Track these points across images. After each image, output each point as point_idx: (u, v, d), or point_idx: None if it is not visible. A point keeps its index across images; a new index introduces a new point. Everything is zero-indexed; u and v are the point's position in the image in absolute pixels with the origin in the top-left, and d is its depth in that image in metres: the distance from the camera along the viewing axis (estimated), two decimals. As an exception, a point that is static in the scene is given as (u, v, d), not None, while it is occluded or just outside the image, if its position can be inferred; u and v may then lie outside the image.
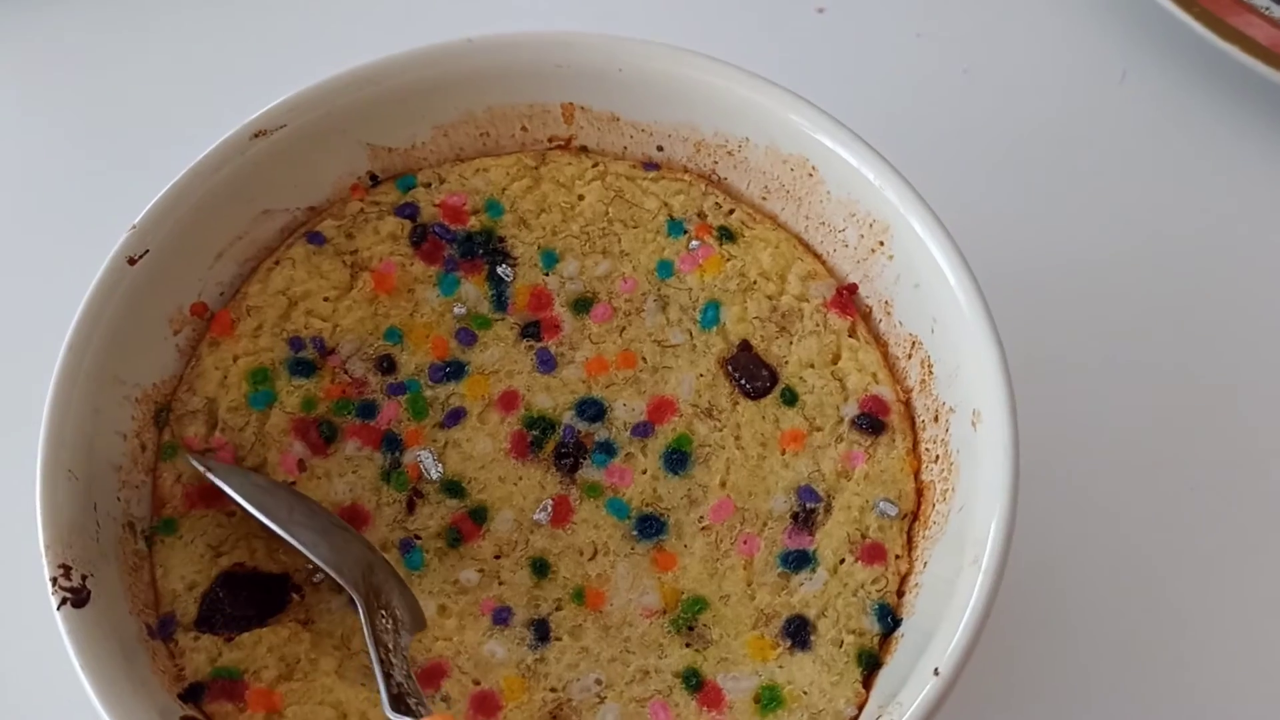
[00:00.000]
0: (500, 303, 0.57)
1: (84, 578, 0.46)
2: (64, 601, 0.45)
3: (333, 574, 0.47)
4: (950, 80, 0.77)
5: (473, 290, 0.57)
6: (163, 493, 0.51)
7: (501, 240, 0.58)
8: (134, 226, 0.52)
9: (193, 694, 0.47)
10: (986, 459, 0.47)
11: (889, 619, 0.49)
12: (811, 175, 0.56)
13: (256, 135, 0.54)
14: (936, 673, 0.43)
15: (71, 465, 0.47)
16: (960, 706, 0.44)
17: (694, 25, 0.78)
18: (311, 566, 0.50)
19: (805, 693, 0.48)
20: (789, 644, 0.49)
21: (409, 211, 0.58)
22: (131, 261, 0.51)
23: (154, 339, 0.53)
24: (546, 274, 0.57)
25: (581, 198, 0.59)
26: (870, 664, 0.48)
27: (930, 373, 0.52)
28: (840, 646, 0.49)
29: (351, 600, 0.50)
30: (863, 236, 0.55)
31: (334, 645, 0.48)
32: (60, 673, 0.44)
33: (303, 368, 0.54)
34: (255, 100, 0.55)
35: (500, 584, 0.51)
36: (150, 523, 0.51)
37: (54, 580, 0.45)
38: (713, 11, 0.80)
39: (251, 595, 0.49)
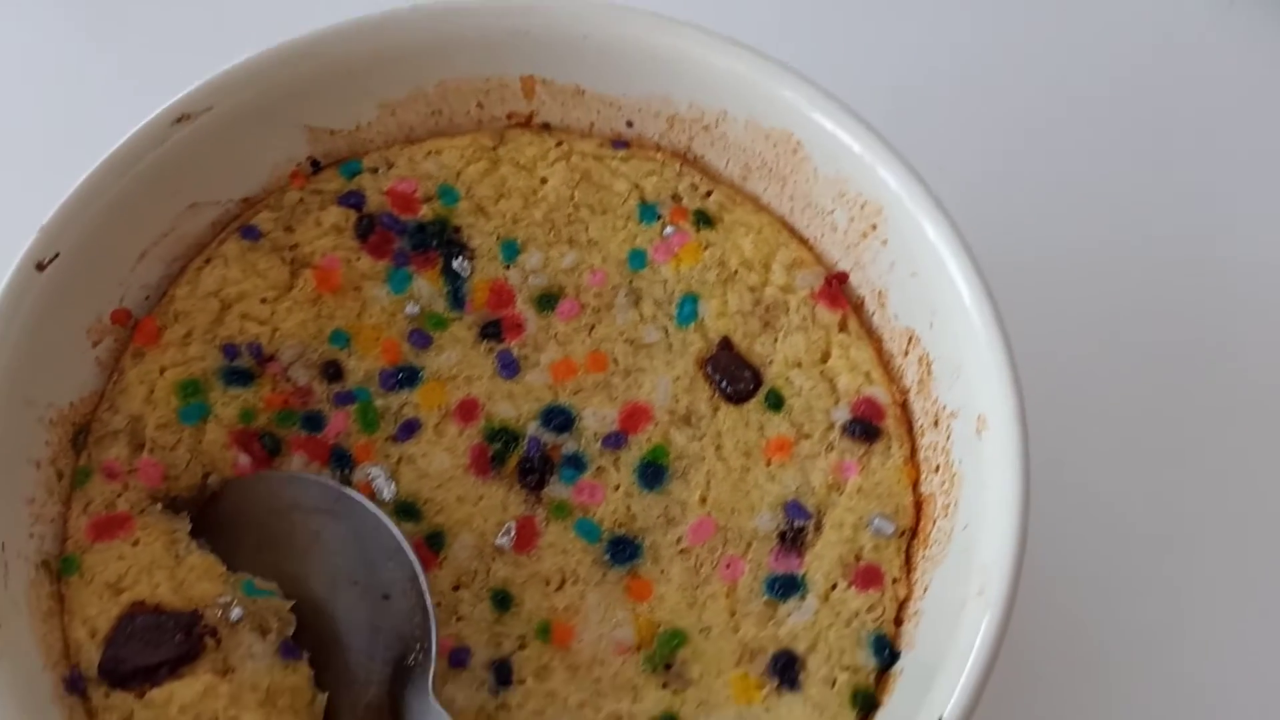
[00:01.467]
0: (457, 300, 0.52)
1: (-13, 631, 0.41)
2: (-38, 663, 0.40)
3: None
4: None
5: (426, 287, 0.52)
6: (69, 525, 0.46)
7: (457, 230, 0.53)
8: (41, 228, 0.46)
9: None
10: (993, 473, 0.42)
11: (886, 652, 0.44)
12: (796, 151, 0.50)
13: (179, 120, 0.49)
14: (941, 723, 0.38)
15: (-28, 503, 0.43)
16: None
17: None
18: (228, 601, 0.44)
19: (795, 740, 0.43)
20: (776, 683, 0.44)
21: (354, 200, 0.53)
22: (40, 267, 0.46)
23: (70, 353, 0.48)
24: (507, 267, 0.52)
25: (544, 181, 0.53)
26: (866, 705, 0.44)
27: (929, 372, 0.47)
28: (833, 686, 0.44)
29: (286, 646, 0.44)
30: (853, 219, 0.49)
31: (258, 701, 0.42)
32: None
33: (238, 377, 0.49)
34: (179, 79, 0.49)
35: (458, 620, 0.46)
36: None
37: None
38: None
39: (156, 639, 0.43)
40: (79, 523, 0.46)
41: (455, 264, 0.52)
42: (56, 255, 0.46)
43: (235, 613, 0.43)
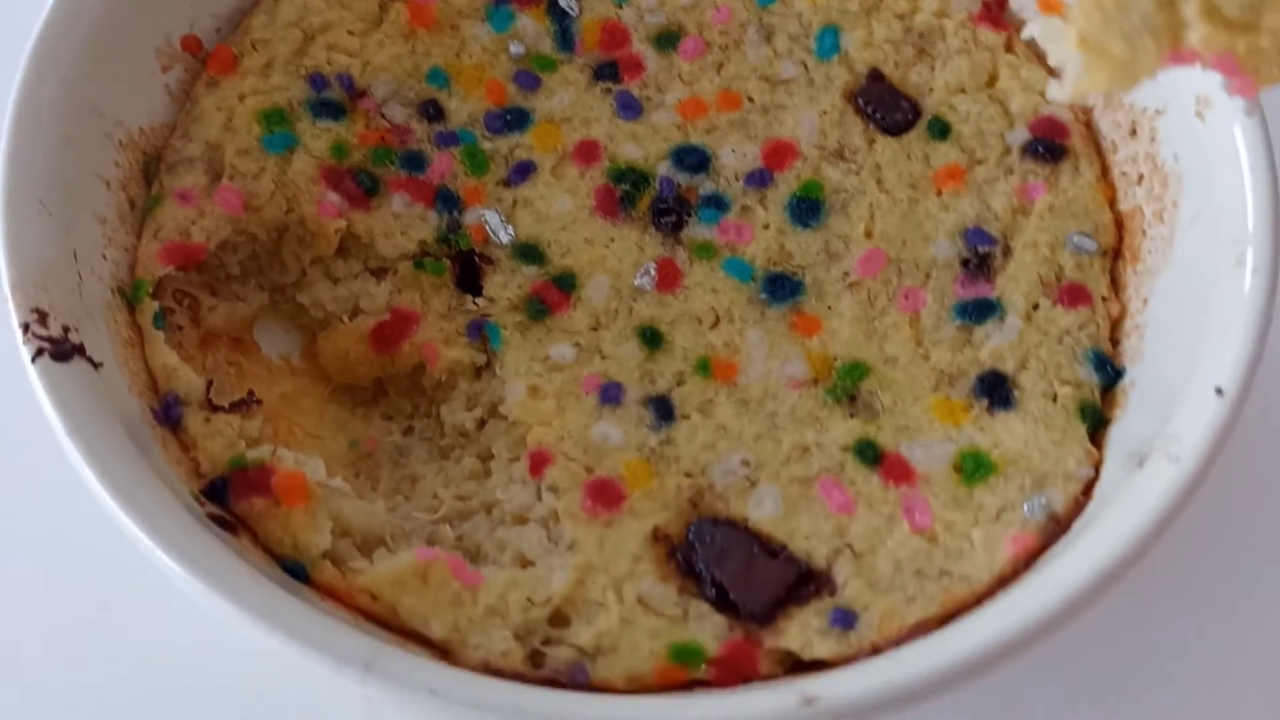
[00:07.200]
0: (565, 41, 0.46)
1: (65, 329, 0.34)
2: (40, 352, 0.33)
3: None
4: None
5: (531, 25, 0.46)
6: (139, 254, 0.40)
7: (562, -35, 0.47)
8: (105, -83, 0.40)
9: (214, 492, 0.36)
10: (1227, 143, 0.37)
11: (1108, 368, 0.39)
12: None
13: None
14: (1220, 392, 0.33)
15: (42, 196, 0.36)
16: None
17: None
18: None
19: (1020, 455, 0.38)
20: (986, 403, 0.39)
21: (446, -71, 0.47)
22: (104, -39, 0.40)
23: (139, 72, 0.42)
24: (619, 5, 0.46)
25: (657, -94, 0.48)
26: (1095, 420, 0.38)
27: (1121, 81, 0.42)
28: (1054, 400, 0.39)
29: None
30: (1012, -70, 0.45)
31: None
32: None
33: (328, 109, 0.43)
34: None
35: (603, 358, 0.40)
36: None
37: (25, 327, 0.33)
38: None
39: None
40: (149, 249, 0.40)
41: (562, 2, 0.46)
42: (121, -48, 0.40)
43: None
